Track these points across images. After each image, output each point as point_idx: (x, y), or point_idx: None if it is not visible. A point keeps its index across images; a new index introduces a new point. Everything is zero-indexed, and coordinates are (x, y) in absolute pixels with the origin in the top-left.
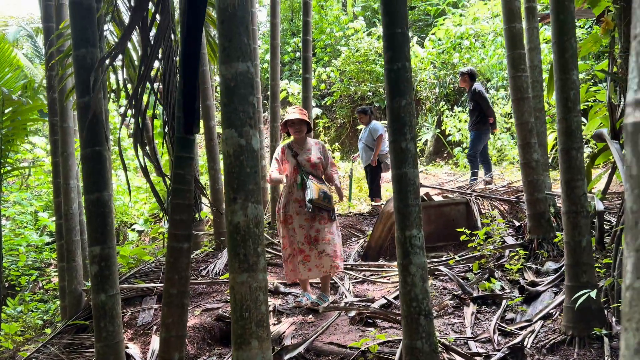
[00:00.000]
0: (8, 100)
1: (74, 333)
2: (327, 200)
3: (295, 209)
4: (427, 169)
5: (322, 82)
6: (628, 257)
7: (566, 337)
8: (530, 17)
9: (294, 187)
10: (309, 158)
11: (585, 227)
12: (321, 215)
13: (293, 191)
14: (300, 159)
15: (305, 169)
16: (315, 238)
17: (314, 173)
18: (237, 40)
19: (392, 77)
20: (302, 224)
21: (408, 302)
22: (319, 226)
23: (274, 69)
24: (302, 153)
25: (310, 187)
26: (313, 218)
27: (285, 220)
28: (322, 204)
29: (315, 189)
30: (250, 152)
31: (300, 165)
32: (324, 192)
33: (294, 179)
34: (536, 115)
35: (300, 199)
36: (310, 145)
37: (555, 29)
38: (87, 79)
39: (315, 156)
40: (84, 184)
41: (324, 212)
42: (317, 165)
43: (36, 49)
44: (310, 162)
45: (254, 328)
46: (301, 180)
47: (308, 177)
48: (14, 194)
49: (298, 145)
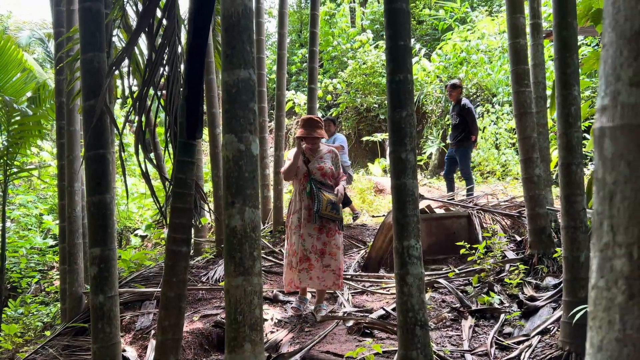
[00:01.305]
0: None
1: (73, 335)
2: (336, 211)
3: (306, 216)
4: (431, 182)
5: (328, 94)
6: (593, 258)
7: (563, 352)
8: (535, 34)
9: (304, 194)
10: (320, 167)
11: (583, 242)
12: (329, 227)
13: (303, 198)
14: (311, 167)
15: (316, 177)
16: (321, 251)
17: (324, 182)
18: (239, 48)
19: (393, 89)
20: (310, 233)
21: (404, 312)
22: (326, 239)
23: (280, 79)
24: (314, 161)
25: (319, 197)
26: (321, 229)
27: (295, 227)
28: (330, 215)
29: (324, 200)
30: (249, 157)
31: (311, 173)
32: (332, 203)
33: (304, 186)
34: (539, 131)
35: (310, 207)
36: (323, 153)
37: (557, 45)
38: (94, 82)
39: (328, 166)
40: (86, 186)
41: (332, 222)
42: (329, 175)
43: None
44: (321, 171)
45: (248, 331)
46: (310, 189)
47: (317, 187)
48: (19, 197)
49: (311, 152)
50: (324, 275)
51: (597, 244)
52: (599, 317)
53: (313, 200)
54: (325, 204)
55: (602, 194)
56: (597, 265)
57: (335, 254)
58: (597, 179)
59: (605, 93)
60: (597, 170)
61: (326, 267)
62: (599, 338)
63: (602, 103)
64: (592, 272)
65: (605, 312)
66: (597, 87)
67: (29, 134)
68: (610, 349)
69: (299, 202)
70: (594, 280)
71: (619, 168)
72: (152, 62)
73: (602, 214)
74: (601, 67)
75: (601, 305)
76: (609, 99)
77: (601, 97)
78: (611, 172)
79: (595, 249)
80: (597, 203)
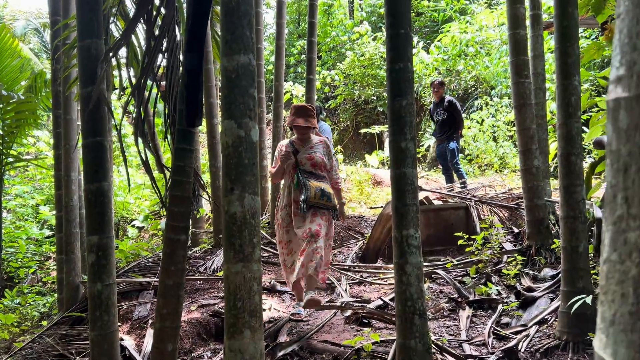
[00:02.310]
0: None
1: (70, 325)
2: (327, 198)
3: (294, 211)
4: (429, 174)
5: (326, 85)
6: (606, 231)
7: (560, 342)
8: (535, 25)
9: (292, 187)
10: (310, 156)
11: (582, 232)
12: (322, 212)
13: (291, 192)
14: (300, 157)
15: (305, 168)
16: (316, 232)
17: (315, 172)
18: (239, 33)
19: (393, 77)
20: (300, 226)
21: (403, 301)
22: (321, 221)
23: (278, 70)
24: (303, 151)
25: (307, 186)
26: (314, 214)
27: (286, 224)
28: (320, 203)
29: (311, 188)
30: (249, 144)
31: (300, 164)
32: (321, 190)
33: (292, 178)
34: (538, 122)
35: (297, 199)
36: (313, 143)
37: (558, 35)
38: (91, 69)
39: (318, 155)
40: (84, 174)
41: (325, 210)
42: (319, 164)
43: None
44: (311, 161)
45: (247, 318)
46: (297, 180)
47: (304, 176)
48: (15, 187)
49: (300, 142)
50: (315, 257)
51: (610, 217)
52: (611, 290)
53: (301, 191)
54: (314, 191)
55: (616, 166)
56: (610, 238)
57: (330, 237)
58: (611, 151)
59: (620, 63)
60: (611, 143)
61: (319, 248)
62: (612, 312)
63: (617, 74)
64: (605, 245)
65: (619, 285)
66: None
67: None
68: (624, 323)
69: (287, 197)
70: (607, 254)
71: (634, 139)
72: (151, 50)
73: (616, 186)
74: (616, 37)
75: (614, 279)
76: (624, 69)
77: (616, 68)
78: (626, 143)
79: (608, 222)
80: (610, 175)
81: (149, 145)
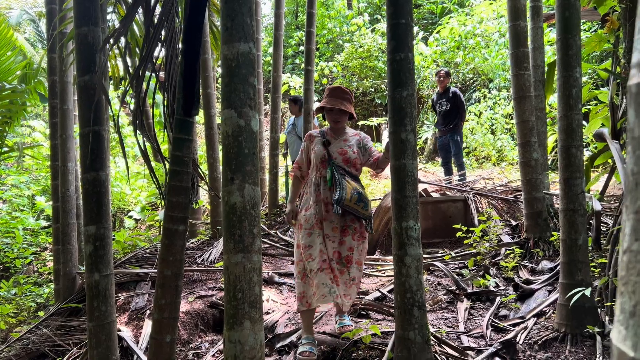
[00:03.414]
0: None
1: (67, 315)
2: (363, 204)
3: (324, 213)
4: (427, 167)
5: (324, 77)
6: (627, 220)
7: (559, 334)
8: (535, 17)
9: (321, 184)
10: (343, 151)
11: (582, 225)
12: (355, 227)
13: (320, 190)
14: (332, 150)
15: (337, 163)
16: (347, 259)
17: (348, 170)
18: (239, 20)
19: (394, 68)
20: (328, 234)
21: (402, 293)
22: (352, 242)
23: (276, 61)
24: (336, 143)
25: (342, 184)
26: (344, 230)
27: (310, 226)
28: (356, 209)
29: (347, 188)
30: (249, 133)
31: (331, 157)
32: (358, 193)
33: (321, 173)
34: (537, 115)
35: (329, 201)
36: (348, 136)
37: (560, 26)
38: (89, 57)
39: (352, 150)
40: (81, 163)
41: (357, 221)
42: (354, 161)
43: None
44: (344, 156)
45: (247, 309)
46: (330, 175)
47: (340, 173)
48: (11, 177)
49: (333, 133)
50: (349, 291)
51: (632, 206)
52: (632, 281)
53: (334, 188)
54: (350, 193)
55: (638, 153)
56: (632, 227)
57: (362, 263)
58: (633, 137)
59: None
60: (634, 129)
61: (352, 280)
62: (632, 303)
63: None
64: (625, 235)
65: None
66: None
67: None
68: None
69: (314, 194)
70: (627, 244)
71: None
72: (150, 39)
73: (637, 174)
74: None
75: (635, 270)
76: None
77: (639, 51)
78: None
79: (629, 211)
80: (632, 163)
81: (148, 135)
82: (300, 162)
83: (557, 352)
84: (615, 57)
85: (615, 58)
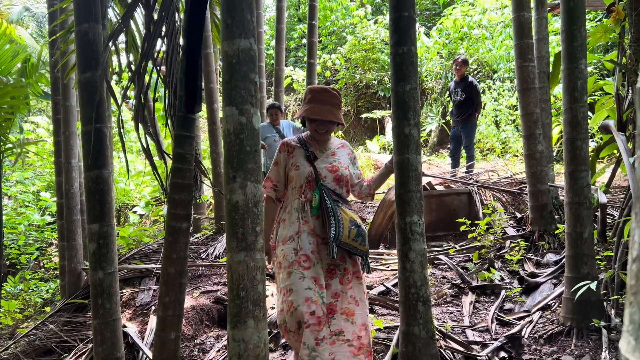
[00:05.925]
0: None
1: (72, 311)
2: (362, 238)
3: (313, 246)
4: (431, 159)
5: (327, 69)
6: (636, 228)
7: (564, 328)
8: (539, 7)
9: (308, 211)
10: (334, 167)
11: (587, 218)
12: (344, 268)
13: (307, 218)
14: (319, 167)
15: (327, 183)
16: (330, 307)
17: (339, 192)
18: (240, 17)
19: (397, 61)
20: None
21: (406, 288)
22: (338, 287)
23: (278, 54)
24: (323, 158)
25: (337, 216)
26: (331, 270)
27: (289, 263)
28: (353, 246)
29: (344, 221)
30: (250, 131)
31: (320, 177)
32: (357, 227)
33: (306, 196)
34: (542, 107)
35: (319, 233)
36: (335, 147)
37: (564, 17)
38: (89, 54)
39: (343, 166)
40: (83, 161)
41: (349, 259)
42: (345, 179)
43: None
44: (335, 174)
45: (251, 307)
46: (319, 201)
47: (333, 199)
48: (16, 173)
49: (318, 145)
50: (334, 349)
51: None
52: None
53: (327, 220)
54: (348, 227)
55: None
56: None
57: (354, 313)
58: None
59: None
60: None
61: (337, 335)
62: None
63: None
64: (635, 243)
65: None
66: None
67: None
68: None
69: (297, 223)
70: (637, 252)
71: None
72: (150, 35)
73: None
74: None
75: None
76: None
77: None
78: None
79: (638, 219)
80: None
81: (150, 132)
82: (276, 179)
83: (562, 346)
84: (621, 48)
85: (621, 49)
